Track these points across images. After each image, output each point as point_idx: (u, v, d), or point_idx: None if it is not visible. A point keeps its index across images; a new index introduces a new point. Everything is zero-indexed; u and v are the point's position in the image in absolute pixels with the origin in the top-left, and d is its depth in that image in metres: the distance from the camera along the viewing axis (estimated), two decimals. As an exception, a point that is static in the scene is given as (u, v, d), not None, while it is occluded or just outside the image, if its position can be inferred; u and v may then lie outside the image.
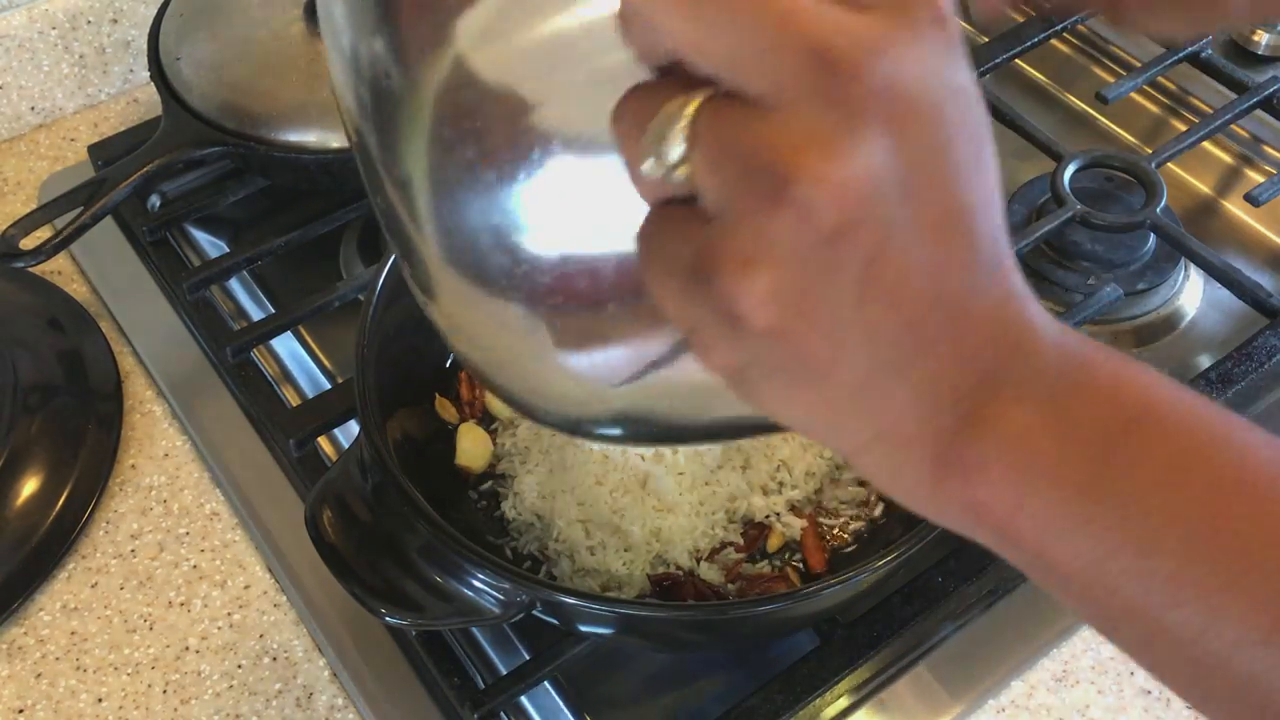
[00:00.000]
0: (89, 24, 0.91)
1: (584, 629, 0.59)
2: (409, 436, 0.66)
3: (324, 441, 0.72)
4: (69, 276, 0.82)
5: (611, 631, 0.59)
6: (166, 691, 0.63)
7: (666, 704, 0.65)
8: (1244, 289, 0.76)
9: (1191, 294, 0.83)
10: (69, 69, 0.92)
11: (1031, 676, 0.62)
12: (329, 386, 0.76)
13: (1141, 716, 0.61)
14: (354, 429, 0.69)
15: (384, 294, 0.65)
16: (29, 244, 0.74)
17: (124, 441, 0.73)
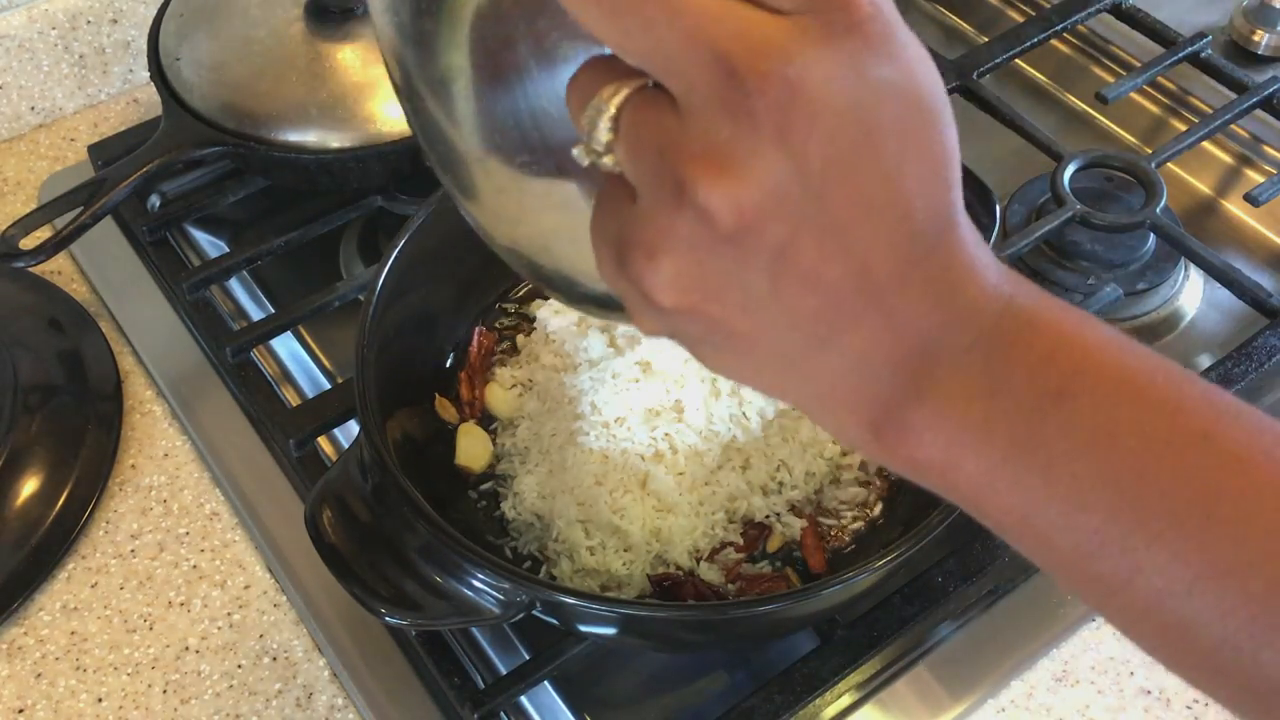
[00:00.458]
0: (89, 24, 0.91)
1: (584, 629, 0.59)
2: (409, 436, 0.66)
3: (324, 441, 0.72)
4: (69, 276, 0.82)
5: (611, 631, 0.59)
6: (166, 691, 0.63)
7: (666, 704, 0.65)
8: (1244, 289, 0.76)
9: (1191, 294, 0.83)
10: (69, 69, 0.92)
11: (1031, 676, 0.62)
12: (329, 386, 0.76)
13: (1141, 716, 0.61)
14: (354, 429, 0.69)
15: (384, 294, 0.65)
16: (29, 244, 0.74)
17: (124, 441, 0.73)
